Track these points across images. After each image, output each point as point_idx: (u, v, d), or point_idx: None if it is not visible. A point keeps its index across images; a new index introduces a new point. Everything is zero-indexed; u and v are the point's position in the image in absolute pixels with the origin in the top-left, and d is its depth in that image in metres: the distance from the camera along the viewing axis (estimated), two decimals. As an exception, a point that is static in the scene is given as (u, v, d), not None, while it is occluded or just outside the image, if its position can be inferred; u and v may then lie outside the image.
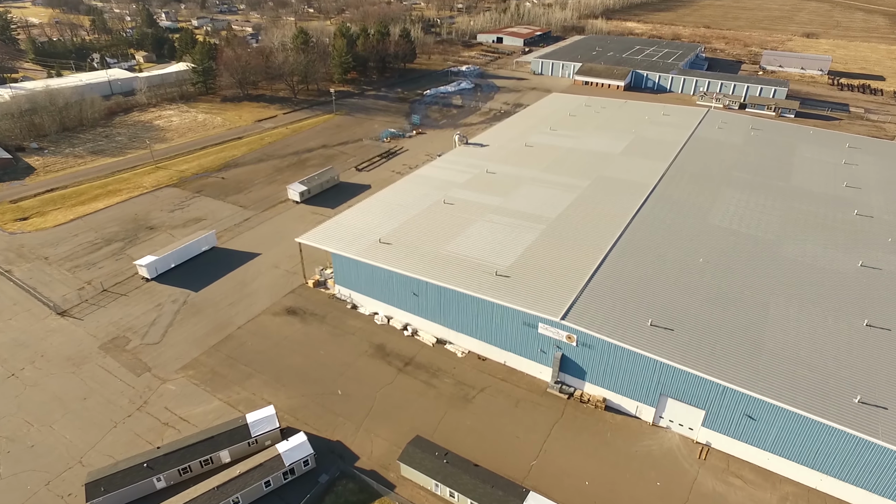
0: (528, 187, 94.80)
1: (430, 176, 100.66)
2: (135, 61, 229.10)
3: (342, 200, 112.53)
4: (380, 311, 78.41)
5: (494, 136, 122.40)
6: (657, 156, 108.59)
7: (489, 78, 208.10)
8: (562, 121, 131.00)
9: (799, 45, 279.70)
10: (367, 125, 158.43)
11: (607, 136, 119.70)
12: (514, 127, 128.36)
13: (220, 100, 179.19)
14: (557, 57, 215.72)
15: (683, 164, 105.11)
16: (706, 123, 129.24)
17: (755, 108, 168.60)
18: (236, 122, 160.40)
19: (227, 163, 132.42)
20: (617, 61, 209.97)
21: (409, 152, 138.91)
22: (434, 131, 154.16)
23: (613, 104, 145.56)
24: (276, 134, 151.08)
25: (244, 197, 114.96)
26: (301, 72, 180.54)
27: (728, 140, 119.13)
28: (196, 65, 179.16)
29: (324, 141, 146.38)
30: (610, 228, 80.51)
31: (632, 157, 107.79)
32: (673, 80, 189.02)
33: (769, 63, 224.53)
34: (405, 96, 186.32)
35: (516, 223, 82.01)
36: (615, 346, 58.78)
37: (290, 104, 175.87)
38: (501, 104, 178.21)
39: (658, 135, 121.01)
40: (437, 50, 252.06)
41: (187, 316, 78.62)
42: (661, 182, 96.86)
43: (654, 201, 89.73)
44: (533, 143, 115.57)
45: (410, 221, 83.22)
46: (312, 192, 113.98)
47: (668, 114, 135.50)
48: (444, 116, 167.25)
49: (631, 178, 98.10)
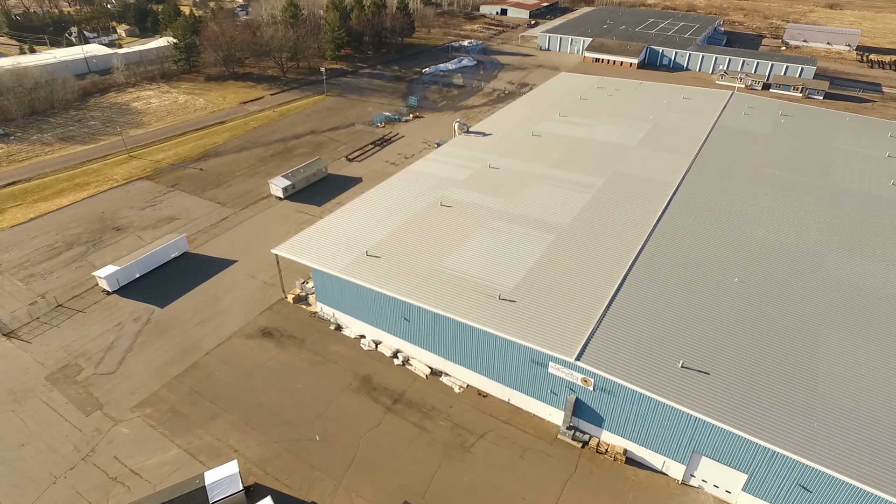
0: (535, 186, 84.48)
1: (426, 172, 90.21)
2: (116, 36, 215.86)
3: (330, 196, 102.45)
4: (367, 335, 69.15)
5: (498, 122, 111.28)
6: (678, 148, 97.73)
7: (492, 54, 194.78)
8: (571, 105, 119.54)
9: (822, 17, 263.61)
10: (360, 108, 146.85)
11: (622, 124, 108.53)
12: (519, 112, 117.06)
13: (203, 79, 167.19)
14: (565, 31, 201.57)
15: (708, 159, 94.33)
16: (731, 109, 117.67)
17: (780, 88, 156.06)
18: (220, 104, 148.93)
19: (207, 151, 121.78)
20: (629, 36, 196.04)
21: (404, 139, 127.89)
22: (433, 114, 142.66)
23: (628, 86, 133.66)
24: (261, 118, 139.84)
25: (223, 192, 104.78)
26: (290, 48, 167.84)
27: (756, 129, 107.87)
28: (178, 40, 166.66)
29: (313, 126, 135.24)
30: (629, 239, 70.48)
31: (650, 150, 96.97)
32: (690, 56, 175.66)
33: (792, 37, 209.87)
34: (402, 75, 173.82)
35: (522, 232, 72.01)
36: (640, 394, 49.54)
37: (279, 84, 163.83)
38: (506, 84, 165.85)
39: (678, 123, 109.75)
40: (437, 23, 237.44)
41: (150, 338, 69.49)
42: (684, 180, 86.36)
43: (678, 204, 79.44)
44: (540, 132, 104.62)
45: (403, 228, 73.27)
46: (297, 187, 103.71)
47: (688, 97, 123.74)
48: (444, 98, 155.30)
49: (650, 176, 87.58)
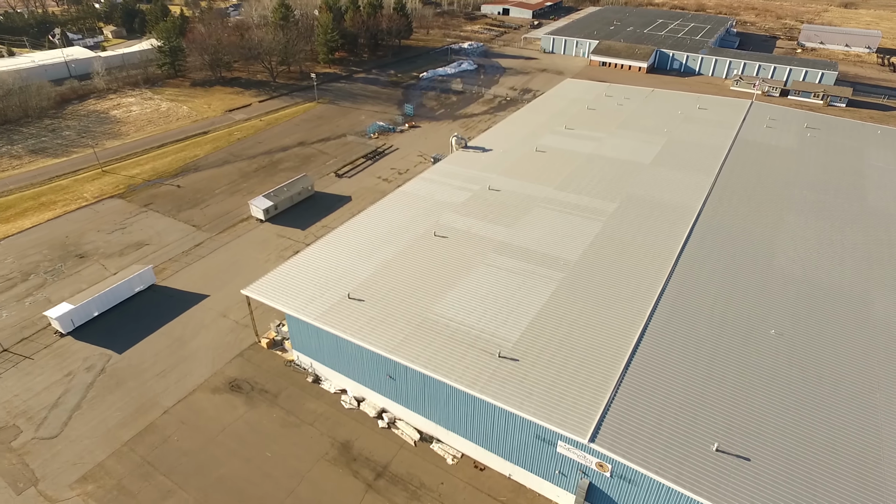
0: (539, 212, 75.99)
1: (420, 194, 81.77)
2: (102, 37, 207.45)
3: (316, 218, 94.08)
4: (349, 390, 60.84)
5: (499, 136, 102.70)
6: (697, 166, 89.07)
7: (494, 57, 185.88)
8: (578, 116, 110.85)
9: (837, 17, 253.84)
10: (352, 116, 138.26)
11: (634, 138, 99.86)
12: (521, 124, 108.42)
13: (189, 84, 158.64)
14: (570, 33, 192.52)
15: (731, 178, 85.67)
16: (751, 120, 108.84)
17: (799, 94, 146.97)
18: (204, 112, 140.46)
19: (187, 165, 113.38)
20: (638, 38, 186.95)
21: (399, 152, 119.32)
22: (429, 124, 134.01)
23: (638, 94, 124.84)
24: (247, 127, 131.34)
25: (199, 213, 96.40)
26: (280, 52, 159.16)
27: (780, 143, 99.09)
28: (162, 43, 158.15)
29: (301, 137, 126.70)
30: (647, 279, 61.96)
31: (667, 168, 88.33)
32: (703, 60, 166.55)
33: (808, 39, 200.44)
34: (398, 79, 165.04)
35: (526, 269, 63.55)
36: (667, 486, 41.10)
37: (268, 89, 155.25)
38: (507, 90, 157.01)
39: (695, 136, 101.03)
40: (436, 23, 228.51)
41: (102, 392, 61.25)
42: (706, 205, 77.75)
43: (701, 235, 70.85)
44: (545, 148, 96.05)
45: (391, 264, 64.90)
46: (280, 208, 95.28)
47: (704, 107, 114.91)
48: (442, 105, 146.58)
49: (668, 199, 78.97)
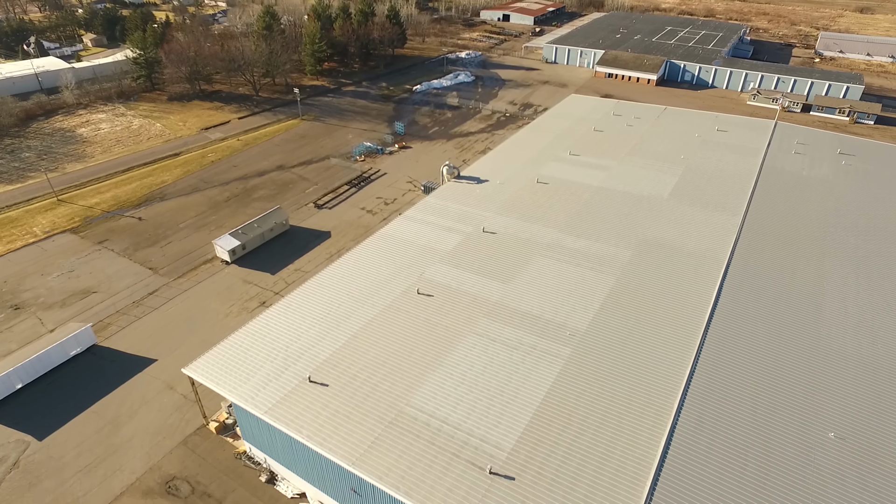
0: (542, 262, 65.18)
1: (404, 238, 71.01)
2: (81, 46, 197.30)
3: (288, 259, 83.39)
4: (308, 494, 49.98)
5: (496, 163, 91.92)
6: (721, 202, 78.13)
7: (492, 68, 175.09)
8: (584, 139, 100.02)
9: (854, 23, 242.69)
10: (338, 135, 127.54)
11: (647, 166, 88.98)
12: (521, 147, 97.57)
13: (166, 98, 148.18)
14: (574, 42, 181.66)
15: (761, 219, 74.69)
16: (777, 144, 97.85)
17: (823, 110, 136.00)
18: (178, 130, 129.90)
19: (152, 193, 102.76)
20: (646, 47, 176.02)
21: (386, 177, 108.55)
22: (422, 144, 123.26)
23: (649, 112, 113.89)
24: (223, 148, 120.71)
25: (159, 252, 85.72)
26: (263, 64, 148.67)
27: (812, 173, 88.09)
28: (137, 54, 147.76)
29: (281, 159, 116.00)
30: (672, 357, 51.03)
31: (687, 205, 77.39)
32: (717, 72, 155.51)
33: (827, 48, 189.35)
34: (390, 93, 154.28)
35: (525, 342, 52.74)
36: None
37: (250, 104, 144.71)
38: (507, 104, 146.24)
39: (716, 164, 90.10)
40: (432, 30, 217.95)
41: (10, 496, 50.49)
42: (735, 252, 66.83)
43: (733, 291, 59.92)
44: (547, 178, 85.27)
45: (364, 333, 54.17)
46: (249, 247, 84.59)
47: (723, 129, 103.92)
48: (436, 122, 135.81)
49: (691, 245, 68.04)
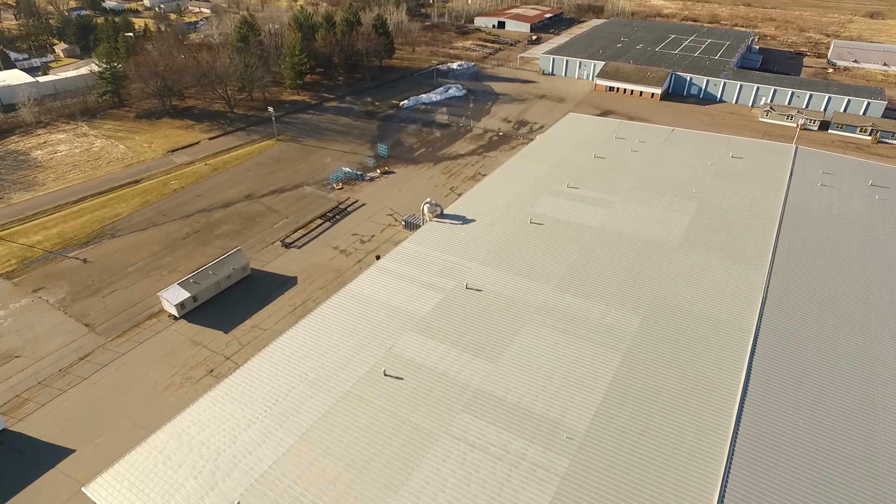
0: (534, 331, 54.95)
1: (373, 297, 60.73)
2: (52, 57, 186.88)
3: (246, 313, 72.99)
4: None
5: (484, 198, 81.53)
6: (743, 250, 67.71)
7: (486, 80, 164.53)
8: (584, 167, 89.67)
9: (865, 29, 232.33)
10: (315, 158, 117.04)
11: (655, 203, 78.59)
12: (513, 178, 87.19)
13: (133, 116, 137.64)
14: (572, 52, 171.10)
15: (791, 270, 64.32)
16: (799, 173, 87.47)
17: (843, 129, 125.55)
18: (142, 152, 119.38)
19: (103, 229, 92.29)
20: (649, 58, 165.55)
21: (365, 209, 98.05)
22: (406, 169, 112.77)
23: (656, 134, 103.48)
24: (188, 174, 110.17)
25: (100, 304, 75.25)
26: (238, 78, 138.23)
27: (843, 210, 77.68)
28: (103, 67, 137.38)
29: (250, 187, 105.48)
30: (693, 473, 40.67)
31: (702, 254, 66.97)
32: (725, 86, 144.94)
33: (840, 57, 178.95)
34: (375, 109, 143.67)
35: (511, 449, 42.62)
36: None
37: (223, 123, 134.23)
38: (500, 122, 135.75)
39: (733, 198, 79.71)
40: (424, 39, 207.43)
41: None
42: (763, 317, 56.53)
43: (765, 375, 49.61)
44: (542, 217, 74.96)
45: (313, 435, 44.02)
46: (202, 298, 74.11)
47: (738, 155, 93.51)
48: (423, 143, 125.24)
49: (711, 310, 57.66)
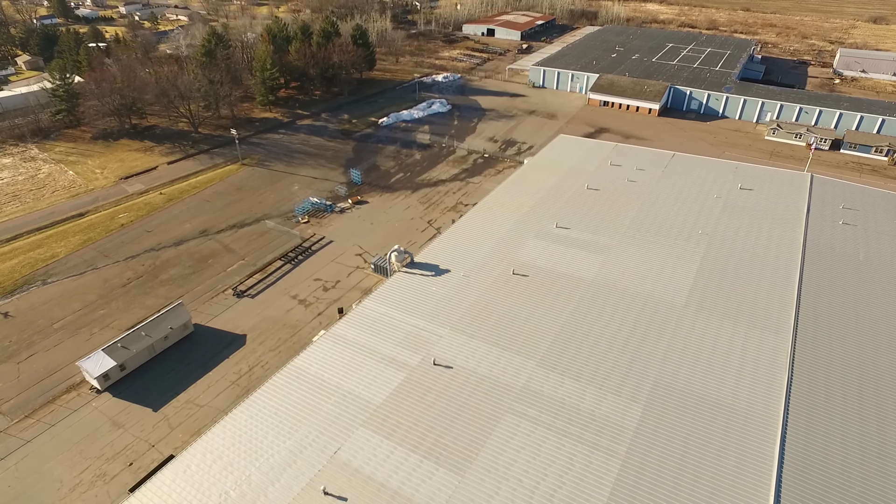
0: (512, 427, 44.95)
1: (321, 378, 50.61)
2: (12, 69, 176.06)
3: (182, 384, 62.63)
4: None
5: (462, 241, 71.47)
6: (761, 310, 57.77)
7: (472, 94, 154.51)
8: (575, 202, 79.73)
9: (869, 35, 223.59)
10: (282, 186, 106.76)
11: (656, 247, 68.63)
12: (495, 216, 77.12)
13: (90, 136, 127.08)
14: (564, 63, 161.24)
15: (817, 336, 54.43)
16: (818, 210, 77.63)
17: (856, 149, 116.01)
18: (93, 180, 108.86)
19: (34, 274, 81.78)
20: (645, 69, 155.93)
21: (332, 247, 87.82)
22: (381, 197, 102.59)
23: (654, 160, 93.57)
24: (139, 206, 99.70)
25: (13, 372, 64.76)
26: (203, 95, 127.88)
27: (872, 254, 67.87)
28: (56, 83, 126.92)
29: (207, 221, 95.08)
30: None
31: (713, 318, 56.98)
32: (728, 100, 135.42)
33: (847, 66, 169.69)
34: (351, 127, 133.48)
35: None
36: None
37: (186, 144, 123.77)
38: (486, 141, 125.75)
39: (744, 242, 69.80)
40: (409, 48, 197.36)
41: None
42: (791, 402, 46.65)
43: (796, 487, 39.65)
44: (527, 266, 64.99)
45: None
46: (131, 366, 63.73)
47: (747, 185, 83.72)
48: (401, 166, 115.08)
49: (726, 398, 47.65)
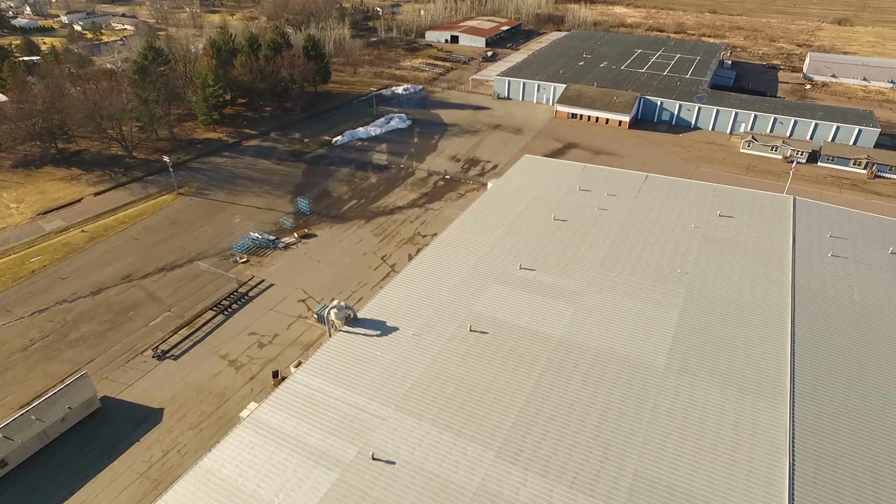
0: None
1: (234, 482, 41.50)
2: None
3: (78, 479, 52.49)
4: None
5: (414, 289, 62.79)
6: (752, 370, 50.43)
7: (434, 107, 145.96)
8: (541, 236, 71.67)
9: (835, 37, 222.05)
10: (222, 218, 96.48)
11: (631, 291, 60.93)
12: (452, 257, 68.57)
13: (10, 163, 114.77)
14: (530, 73, 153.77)
15: (819, 404, 47.20)
16: (805, 241, 70.97)
17: (834, 161, 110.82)
18: (6, 216, 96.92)
19: (-81, 337, 70.39)
20: (614, 78, 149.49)
21: (273, 291, 78.10)
22: (331, 229, 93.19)
23: (626, 183, 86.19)
24: (56, 247, 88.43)
25: None
26: (138, 116, 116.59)
27: (867, 295, 61.24)
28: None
29: (132, 263, 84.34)
30: None
31: (698, 381, 49.33)
32: (700, 111, 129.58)
33: (817, 71, 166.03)
34: (303, 148, 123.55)
35: None
36: None
37: (118, 171, 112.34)
38: (447, 161, 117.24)
39: (728, 283, 62.58)
40: (368, 58, 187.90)
41: None
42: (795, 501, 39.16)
43: None
44: (485, 320, 56.71)
45: None
46: (16, 460, 53.22)
47: (727, 212, 76.89)
48: (355, 191, 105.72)
49: (717, 494, 39.90)
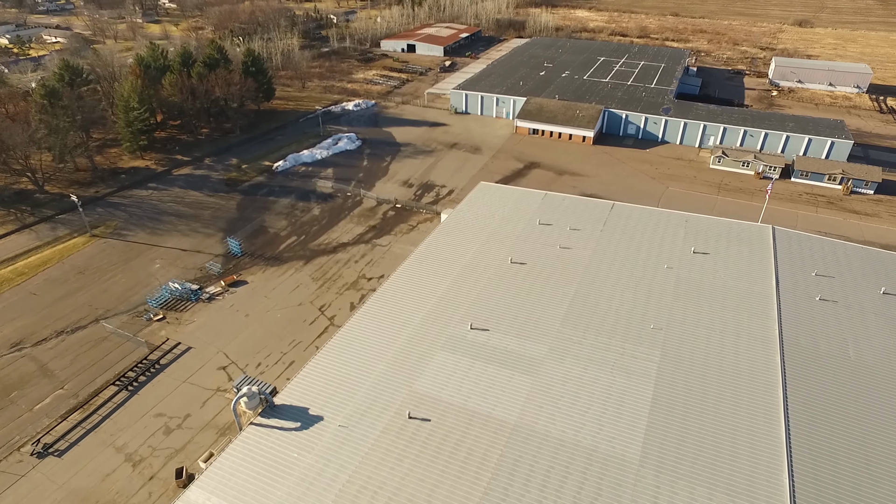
0: None
1: None
2: None
3: None
4: None
5: (346, 363, 53.00)
6: (743, 463, 42.26)
7: (387, 125, 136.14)
8: (495, 285, 62.75)
9: (797, 39, 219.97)
10: (140, 263, 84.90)
11: (599, 357, 52.35)
12: (394, 315, 59.12)
13: None
14: (489, 85, 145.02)
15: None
16: (789, 281, 63.56)
17: (808, 177, 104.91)
18: None
19: None
20: (577, 89, 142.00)
21: (189, 357, 67.23)
22: (265, 273, 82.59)
23: (591, 214, 77.94)
24: (-63, 308, 75.88)
25: None
26: (49, 146, 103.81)
27: (861, 348, 53.98)
28: None
29: (26, 326, 72.21)
30: None
31: (681, 482, 40.86)
32: (667, 124, 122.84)
33: (783, 77, 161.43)
34: (239, 176, 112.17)
35: None
36: None
37: (25, 209, 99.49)
38: (399, 186, 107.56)
39: (708, 341, 54.56)
40: (318, 70, 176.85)
41: None
42: None
43: None
44: (427, 402, 47.53)
45: None
46: None
47: (702, 248, 69.19)
48: (295, 226, 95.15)
49: None
